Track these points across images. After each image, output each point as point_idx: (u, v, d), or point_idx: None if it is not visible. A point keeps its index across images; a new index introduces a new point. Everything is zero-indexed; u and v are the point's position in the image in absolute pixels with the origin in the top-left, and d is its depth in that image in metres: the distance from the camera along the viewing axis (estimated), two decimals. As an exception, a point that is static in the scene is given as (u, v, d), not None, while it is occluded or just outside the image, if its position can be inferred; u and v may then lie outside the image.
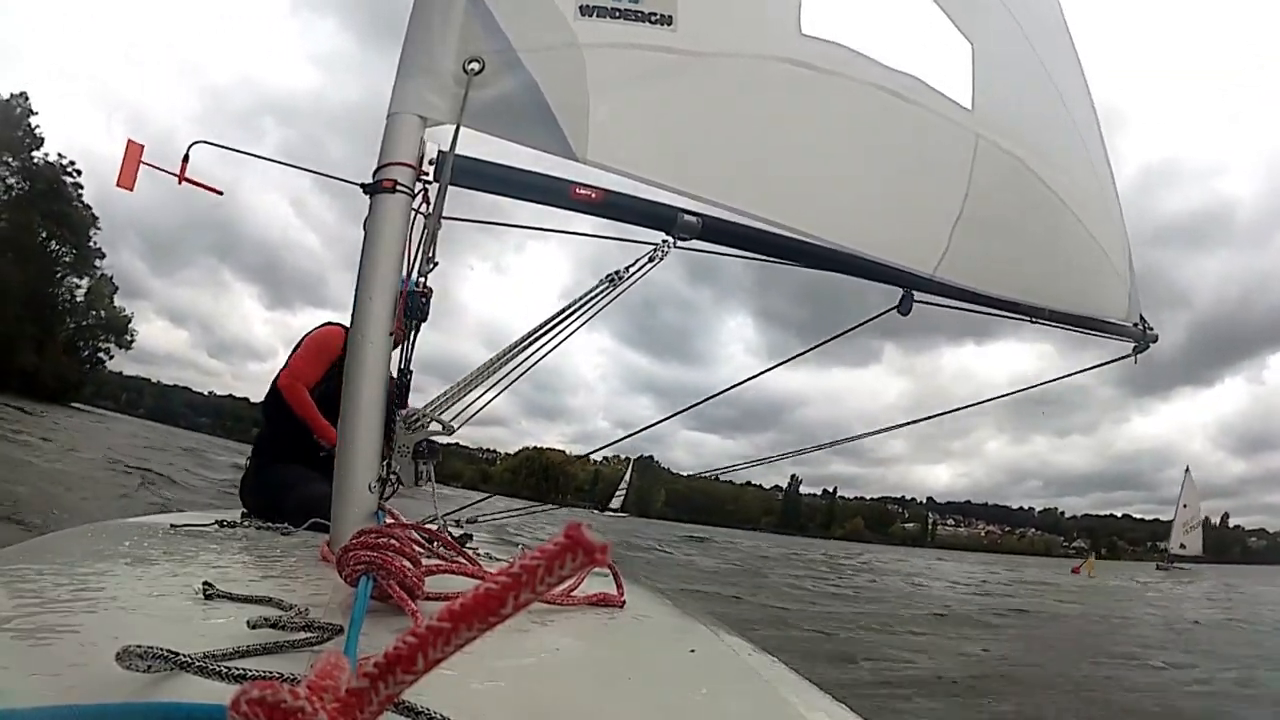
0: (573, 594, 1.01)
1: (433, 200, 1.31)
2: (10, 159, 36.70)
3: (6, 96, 37.02)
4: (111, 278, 44.49)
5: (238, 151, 1.62)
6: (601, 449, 2.15)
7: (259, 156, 1.90)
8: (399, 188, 1.27)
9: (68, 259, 40.61)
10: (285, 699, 0.24)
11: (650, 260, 1.43)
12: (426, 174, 1.32)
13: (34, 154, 37.60)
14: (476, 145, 1.35)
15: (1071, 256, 1.80)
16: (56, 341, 39.80)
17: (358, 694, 0.25)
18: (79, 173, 39.73)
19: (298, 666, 0.56)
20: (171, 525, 1.49)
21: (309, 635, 0.65)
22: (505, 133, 1.33)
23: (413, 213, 1.29)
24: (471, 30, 1.34)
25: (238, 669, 0.49)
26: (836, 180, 1.51)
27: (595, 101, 1.33)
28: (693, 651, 0.86)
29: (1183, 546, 52.15)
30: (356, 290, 1.26)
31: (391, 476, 1.37)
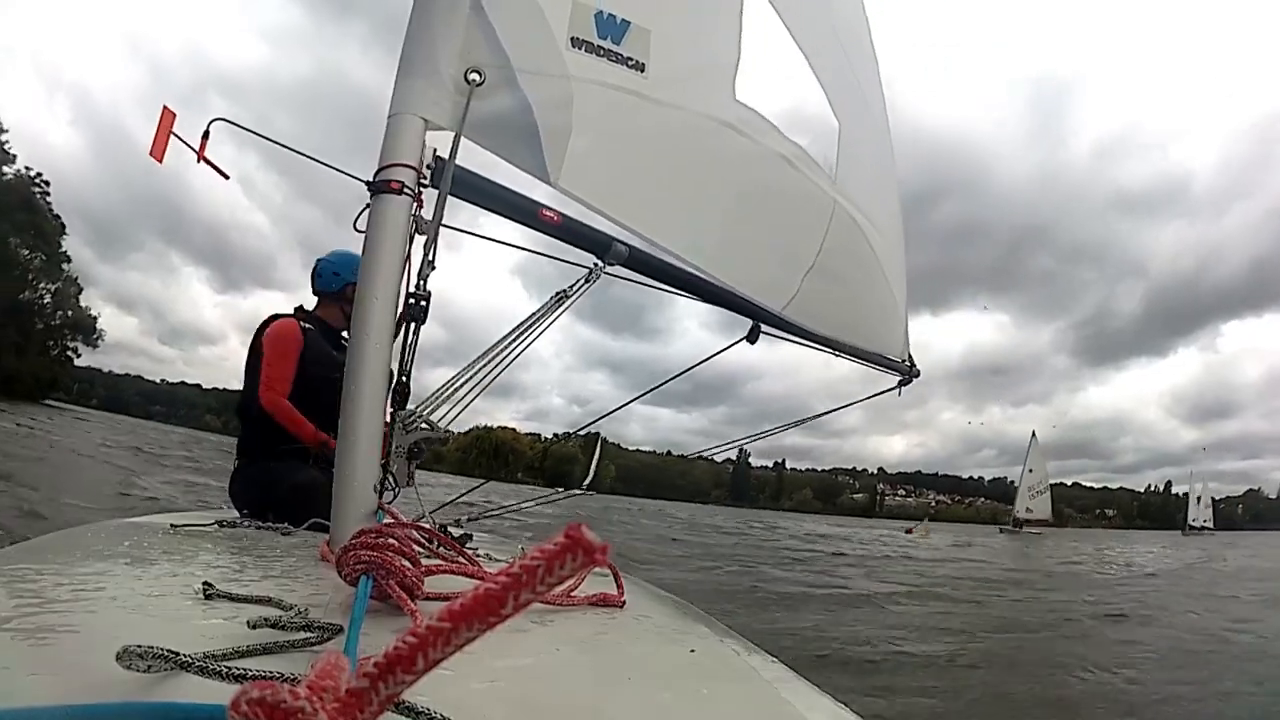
0: (572, 594, 1.01)
1: (431, 206, 1.32)
2: None
3: None
4: (76, 279, 46.51)
5: (253, 133, 1.60)
6: (579, 429, 2.19)
7: (273, 141, 1.91)
8: (405, 190, 1.27)
9: (38, 264, 42.80)
10: (285, 699, 0.24)
11: (587, 281, 1.59)
12: (423, 177, 1.32)
13: (4, 169, 39.65)
14: (460, 155, 1.38)
15: (877, 308, 2.17)
16: (34, 344, 42.26)
17: (358, 694, 0.25)
18: (47, 183, 42.04)
19: (298, 666, 0.56)
20: (171, 525, 1.49)
21: (309, 635, 0.65)
22: (494, 146, 1.39)
23: (411, 216, 1.29)
24: (474, 40, 1.36)
25: (238, 669, 0.49)
26: (732, 226, 1.73)
27: (576, 132, 1.42)
28: (693, 651, 0.86)
29: (1029, 510, 52.92)
30: (357, 291, 1.26)
31: (389, 478, 1.37)
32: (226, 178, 1.60)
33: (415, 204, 1.30)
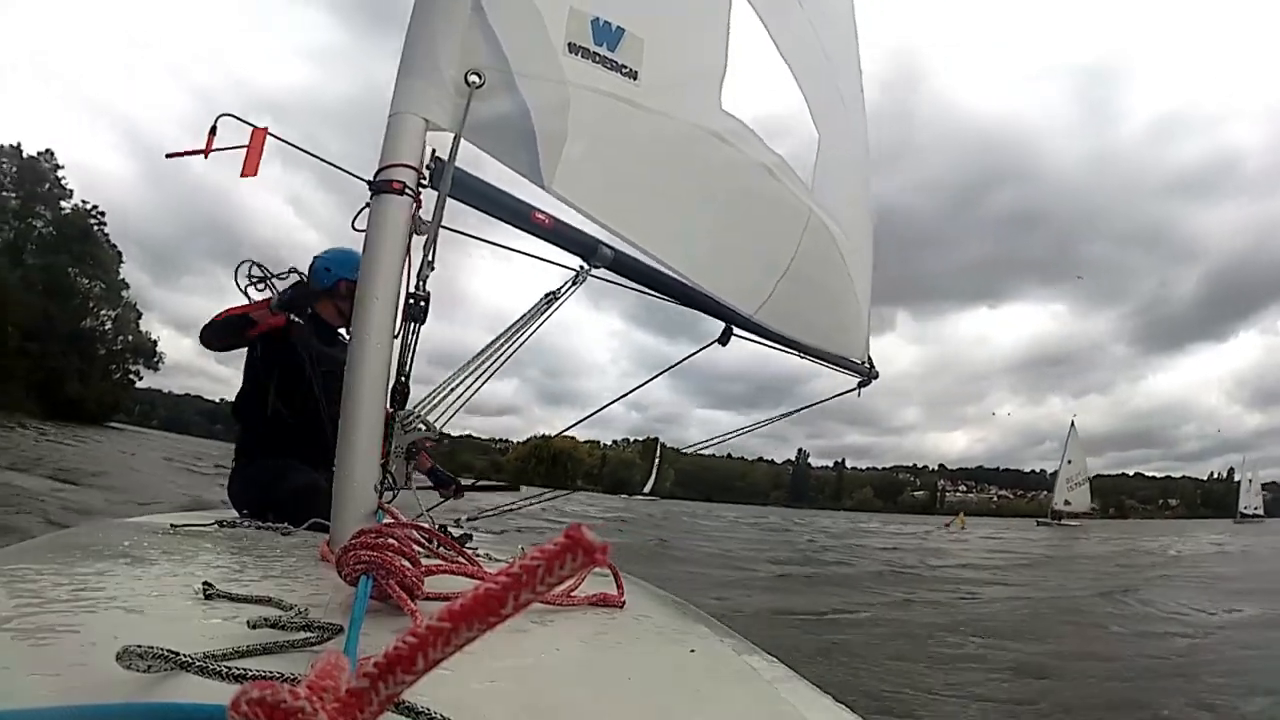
0: (572, 594, 1.01)
1: (432, 206, 1.32)
2: (44, 210, 41.63)
3: (34, 154, 41.37)
4: (135, 305, 49.06)
5: (259, 129, 1.60)
6: (573, 425, 2.23)
7: (277, 138, 1.89)
8: (407, 190, 1.27)
9: (98, 292, 45.34)
10: (285, 699, 0.24)
11: (574, 284, 1.62)
12: (423, 178, 1.32)
13: (62, 203, 42.38)
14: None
15: (844, 313, 2.25)
16: (96, 369, 44.29)
17: (358, 694, 0.25)
18: (103, 214, 44.88)
19: (298, 666, 0.56)
20: (171, 525, 1.49)
21: (309, 635, 0.65)
22: (491, 149, 1.40)
23: (411, 216, 1.29)
24: (474, 41, 1.36)
25: (238, 669, 0.49)
26: (714, 233, 1.77)
27: (571, 138, 1.44)
28: (692, 651, 0.86)
29: (1067, 503, 51.29)
30: (358, 291, 1.26)
31: (388, 479, 1.37)
32: (205, 156, 1.54)
33: (415, 204, 1.30)
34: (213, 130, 1.50)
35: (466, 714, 0.50)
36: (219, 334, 2.47)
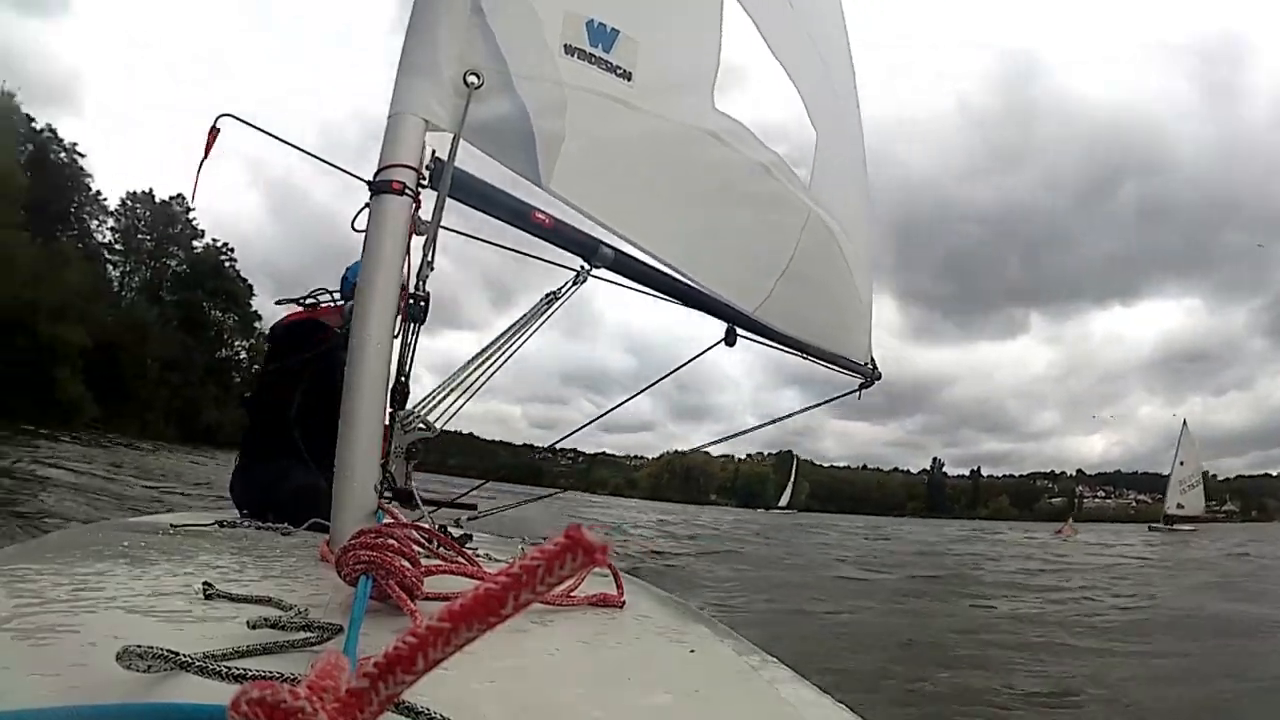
0: (572, 594, 1.01)
1: (432, 207, 1.32)
2: (178, 250, 46.77)
3: (167, 198, 45.55)
4: (267, 334, 51.77)
5: (262, 131, 1.60)
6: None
7: (276, 138, 1.88)
8: (406, 190, 1.27)
9: (231, 324, 49.69)
10: (285, 699, 0.24)
11: (575, 283, 1.63)
12: (423, 178, 1.32)
13: (195, 243, 47.36)
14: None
15: (846, 312, 2.25)
16: (232, 396, 46.65)
17: (358, 694, 0.25)
18: (233, 251, 49.98)
19: (298, 666, 0.56)
20: (171, 525, 1.49)
21: (309, 635, 0.65)
22: (491, 149, 1.41)
23: (412, 217, 1.29)
24: (473, 43, 1.37)
25: (238, 669, 0.49)
26: (711, 232, 1.78)
27: (569, 138, 1.45)
28: (693, 651, 0.86)
29: (1180, 507, 47.89)
30: (357, 291, 1.26)
31: (387, 478, 1.37)
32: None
33: (415, 205, 1.30)
34: (213, 130, 1.50)
35: (466, 714, 0.50)
36: (297, 343, 2.47)
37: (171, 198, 46.43)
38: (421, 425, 1.43)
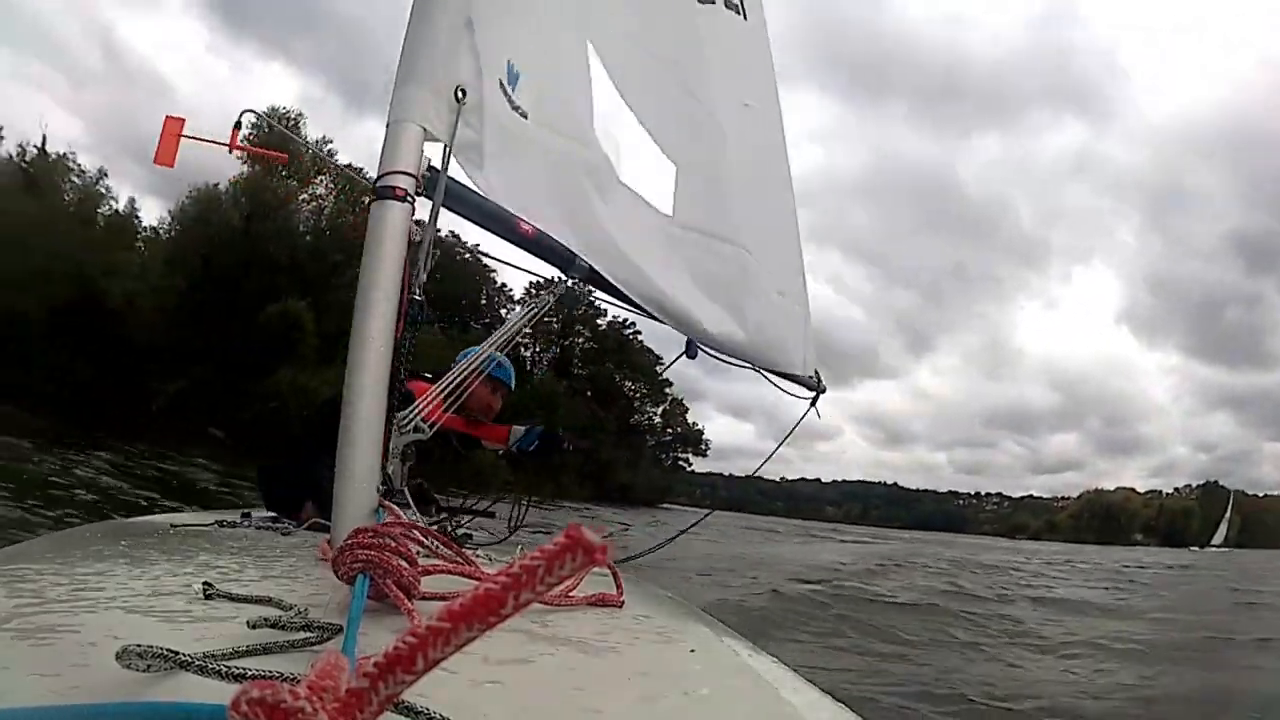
0: (571, 594, 1.01)
1: (428, 215, 1.33)
2: (583, 329, 51.70)
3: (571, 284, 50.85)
4: (681, 399, 56.79)
5: (283, 129, 1.61)
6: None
7: (295, 139, 1.90)
8: (407, 196, 1.28)
9: (642, 393, 54.45)
10: (285, 699, 0.24)
11: (550, 293, 1.72)
12: (419, 185, 1.34)
13: (598, 321, 51.37)
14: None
15: (774, 328, 2.32)
16: (644, 458, 53.03)
17: (357, 694, 0.25)
18: (634, 324, 52.86)
19: (298, 666, 0.56)
20: (171, 525, 1.49)
21: (308, 635, 0.65)
22: (465, 162, 1.42)
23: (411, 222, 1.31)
24: (463, 57, 1.41)
25: (237, 669, 0.49)
26: (639, 254, 1.82)
27: (507, 161, 1.50)
28: (693, 651, 0.86)
29: None
30: (357, 295, 1.27)
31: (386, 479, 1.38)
32: (282, 159, 1.59)
33: (414, 211, 1.31)
34: (237, 125, 1.51)
35: (466, 714, 0.51)
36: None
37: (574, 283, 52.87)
38: (416, 428, 1.44)
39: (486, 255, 1.75)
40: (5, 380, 16.51)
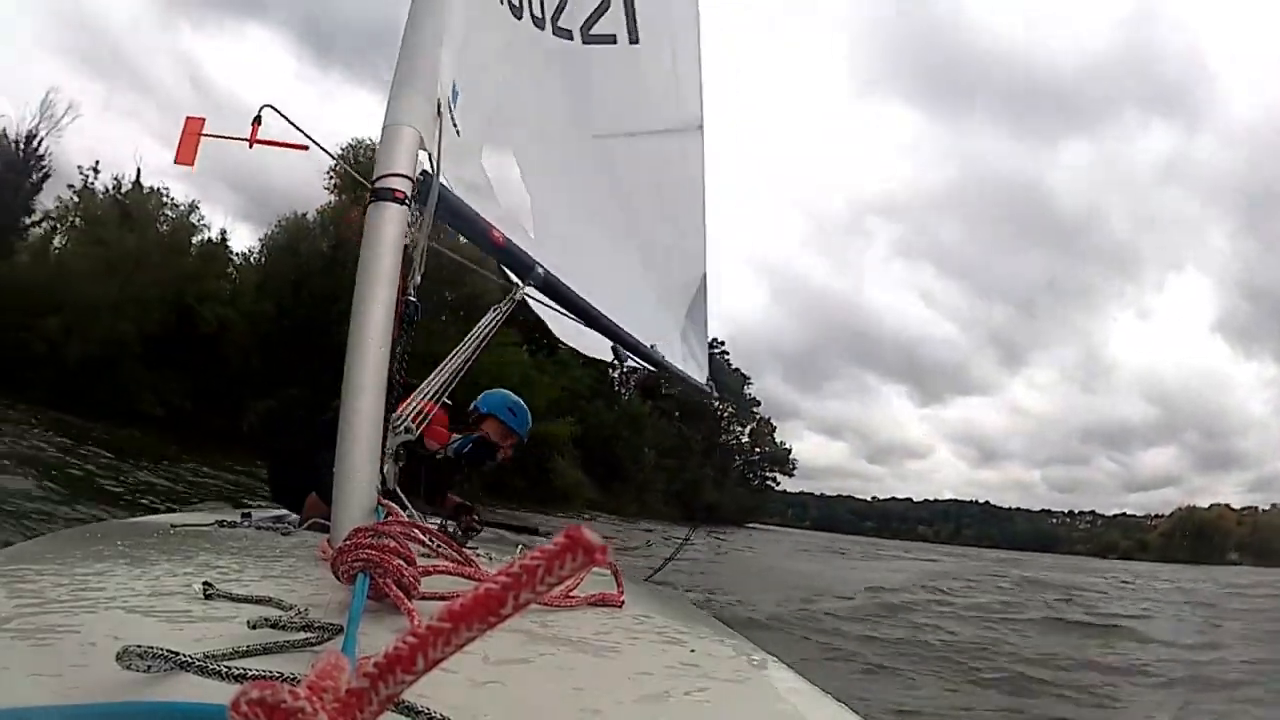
0: (572, 594, 1.01)
1: (423, 219, 1.35)
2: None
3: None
4: (769, 419, 58.49)
5: (295, 126, 1.63)
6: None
7: (309, 138, 1.91)
8: (405, 199, 1.29)
9: (729, 413, 55.06)
10: (285, 699, 0.24)
11: (510, 300, 1.74)
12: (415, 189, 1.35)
13: None
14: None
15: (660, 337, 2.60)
16: (730, 478, 53.01)
17: (358, 694, 0.25)
18: (723, 344, 55.10)
19: (298, 666, 0.56)
20: (171, 525, 1.49)
21: (308, 635, 0.65)
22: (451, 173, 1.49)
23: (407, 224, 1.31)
24: (442, 67, 1.42)
25: (237, 669, 0.49)
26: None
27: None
28: (693, 651, 0.86)
29: None
30: (355, 295, 1.27)
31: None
32: (304, 149, 1.65)
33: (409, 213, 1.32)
34: (257, 120, 1.53)
35: (466, 714, 0.51)
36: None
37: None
38: (407, 430, 1.46)
39: (458, 257, 1.84)
40: (107, 400, 18.02)
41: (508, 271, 1.86)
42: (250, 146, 1.57)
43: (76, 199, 22.75)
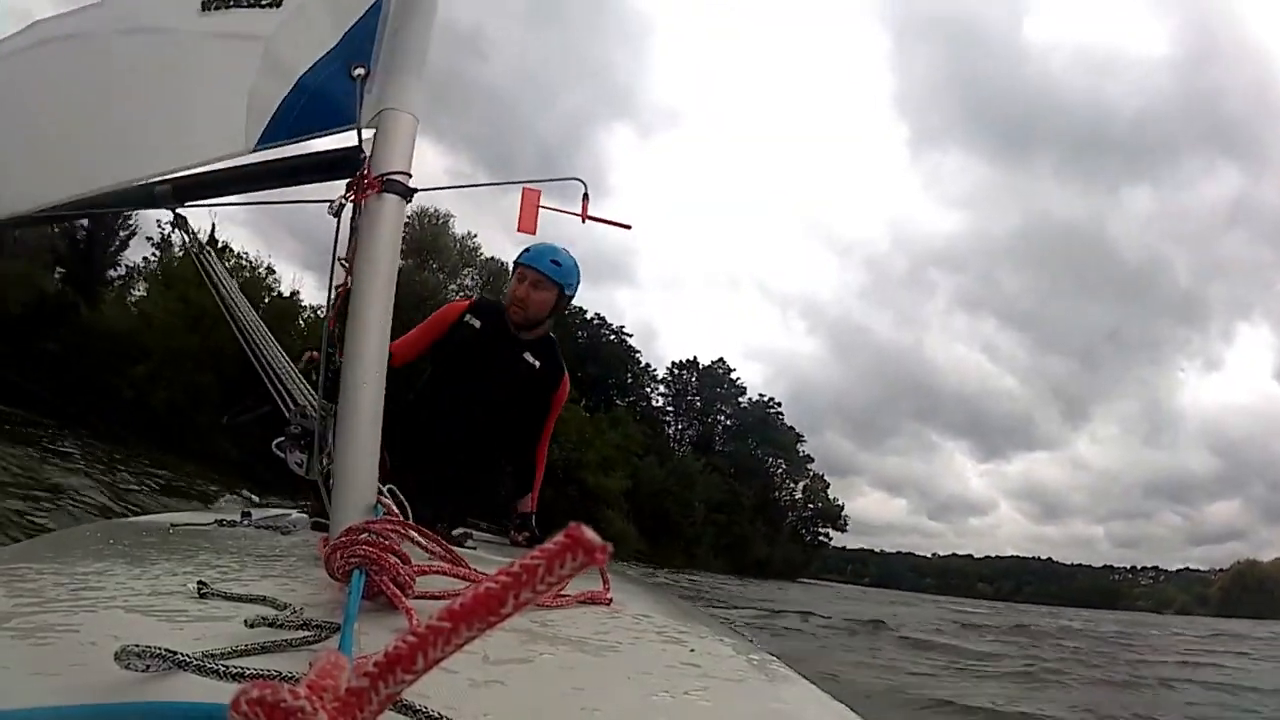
0: (561, 593, 1.00)
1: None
2: (723, 406, 55.56)
3: (709, 362, 55.66)
4: (822, 475, 59.19)
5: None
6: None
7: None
8: (407, 189, 1.28)
9: (781, 470, 56.92)
10: (285, 699, 0.24)
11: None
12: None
13: (740, 399, 56.14)
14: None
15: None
16: (782, 533, 53.53)
17: (357, 693, 0.25)
18: (779, 404, 58.42)
19: (296, 665, 0.56)
20: (171, 525, 1.49)
21: (306, 634, 0.65)
22: None
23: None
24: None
25: (236, 668, 0.49)
26: None
27: None
28: (693, 651, 0.86)
29: None
30: (354, 289, 1.26)
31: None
32: (628, 228, 1.79)
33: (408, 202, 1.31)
34: (585, 196, 1.62)
35: (466, 714, 0.51)
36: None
37: (714, 361, 55.95)
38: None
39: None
40: (191, 445, 19.31)
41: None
42: (583, 221, 1.66)
43: (157, 253, 24.56)
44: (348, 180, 1.31)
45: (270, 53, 1.47)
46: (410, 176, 1.32)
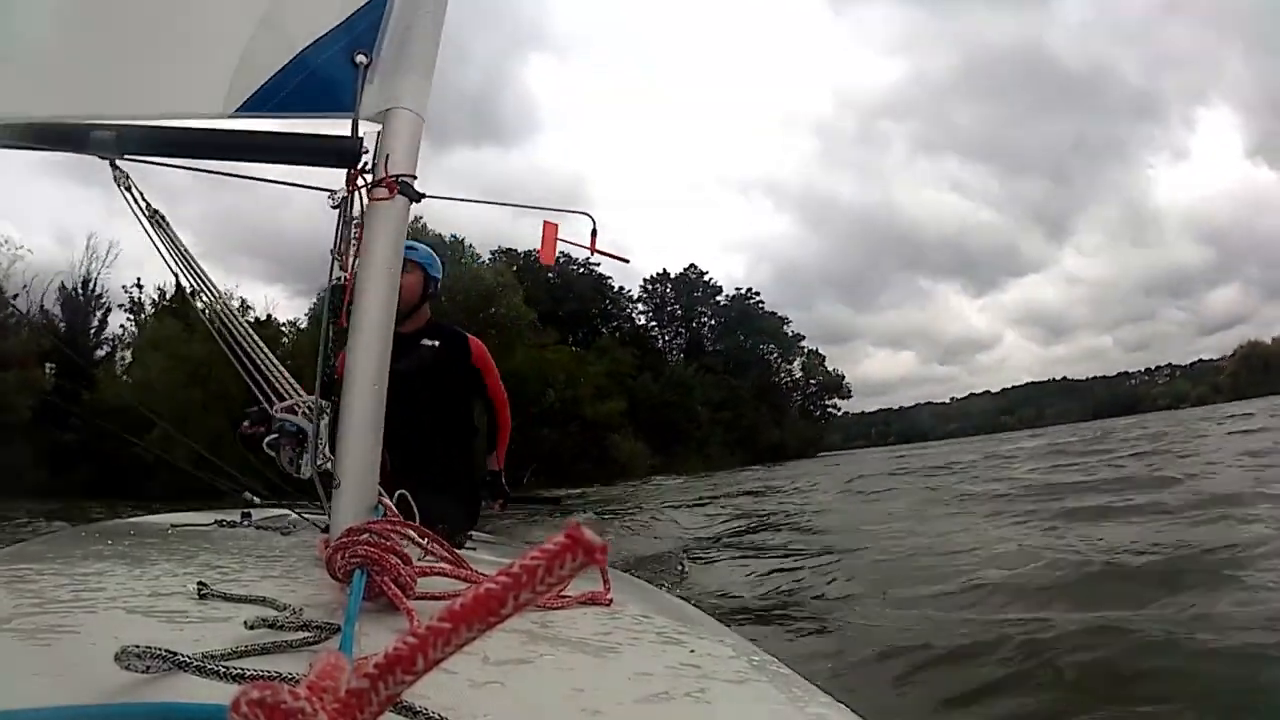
0: (563, 593, 1.00)
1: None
2: (703, 309, 56.77)
3: (682, 269, 56.62)
4: (817, 350, 60.62)
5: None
6: None
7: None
8: (413, 190, 1.28)
9: (774, 355, 57.89)
10: (285, 699, 0.24)
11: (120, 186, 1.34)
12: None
13: (717, 298, 57.49)
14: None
15: None
16: (789, 415, 54.83)
17: (358, 694, 0.25)
18: (757, 293, 59.90)
19: (296, 666, 0.56)
20: (171, 525, 1.49)
21: (307, 635, 0.65)
22: None
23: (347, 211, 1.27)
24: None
25: (236, 669, 0.49)
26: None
27: None
28: (692, 651, 0.86)
29: None
30: (357, 287, 1.26)
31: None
32: (627, 261, 1.93)
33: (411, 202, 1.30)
34: (594, 231, 1.72)
35: (466, 714, 0.51)
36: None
37: (685, 269, 56.76)
38: None
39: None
40: (207, 487, 19.31)
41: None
42: (591, 254, 1.75)
43: (132, 317, 25.95)
44: (347, 172, 1.28)
45: (272, 16, 1.35)
46: (415, 178, 1.32)
